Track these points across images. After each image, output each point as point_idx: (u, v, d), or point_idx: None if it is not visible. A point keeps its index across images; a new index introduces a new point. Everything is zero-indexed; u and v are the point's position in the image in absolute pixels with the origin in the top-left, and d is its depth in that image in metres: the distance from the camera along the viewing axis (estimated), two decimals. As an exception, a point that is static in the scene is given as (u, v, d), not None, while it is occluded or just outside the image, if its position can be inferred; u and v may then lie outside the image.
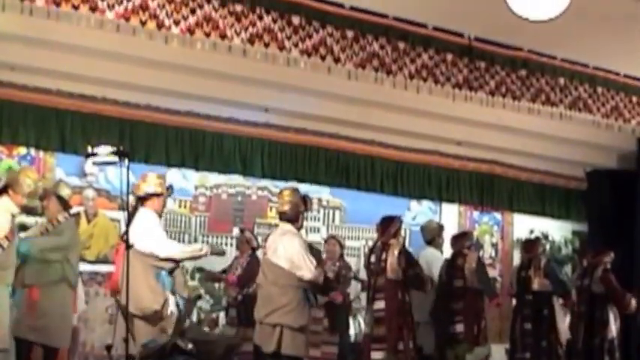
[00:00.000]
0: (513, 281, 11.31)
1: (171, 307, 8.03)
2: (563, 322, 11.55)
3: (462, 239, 11.43)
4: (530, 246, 11.57)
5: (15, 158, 11.13)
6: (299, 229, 8.90)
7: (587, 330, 11.15)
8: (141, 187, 8.22)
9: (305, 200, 8.96)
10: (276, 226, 9.61)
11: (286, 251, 8.61)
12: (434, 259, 11.28)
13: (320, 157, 12.64)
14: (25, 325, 8.38)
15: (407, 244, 13.34)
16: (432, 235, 11.52)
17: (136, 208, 8.12)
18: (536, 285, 10.89)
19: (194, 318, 11.89)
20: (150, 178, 8.30)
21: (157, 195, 8.22)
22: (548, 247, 14.43)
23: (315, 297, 8.88)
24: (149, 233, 7.98)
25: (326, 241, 11.99)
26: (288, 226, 8.78)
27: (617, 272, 11.32)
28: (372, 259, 9.85)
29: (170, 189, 8.57)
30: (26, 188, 8.42)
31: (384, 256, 9.72)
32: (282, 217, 8.86)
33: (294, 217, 8.82)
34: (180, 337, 7.85)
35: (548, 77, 11.26)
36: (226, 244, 12.54)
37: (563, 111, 11.49)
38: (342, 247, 11.85)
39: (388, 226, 9.93)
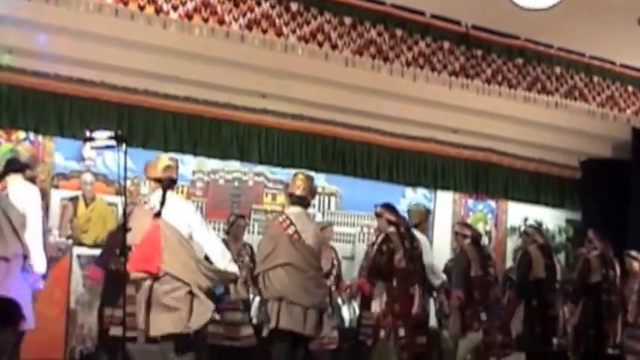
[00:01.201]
0: (540, 267, 11.19)
1: None
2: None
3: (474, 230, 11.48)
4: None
5: (14, 142, 11.16)
6: None
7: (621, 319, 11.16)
8: (173, 170, 8.23)
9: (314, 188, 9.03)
10: (272, 212, 9.68)
11: (318, 236, 8.77)
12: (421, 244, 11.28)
13: (316, 143, 12.72)
14: None
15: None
16: (419, 218, 11.44)
17: (165, 194, 8.08)
18: (560, 275, 10.99)
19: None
20: (171, 162, 8.32)
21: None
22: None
23: None
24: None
25: (324, 229, 12.00)
26: (305, 211, 8.80)
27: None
28: (407, 244, 9.61)
29: None
30: None
31: (415, 242, 9.64)
32: (300, 201, 8.79)
33: (309, 202, 8.87)
34: None
35: (544, 66, 11.25)
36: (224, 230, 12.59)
37: (559, 100, 11.49)
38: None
39: (397, 211, 9.85)
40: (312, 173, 12.69)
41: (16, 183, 7.90)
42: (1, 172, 7.98)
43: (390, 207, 9.74)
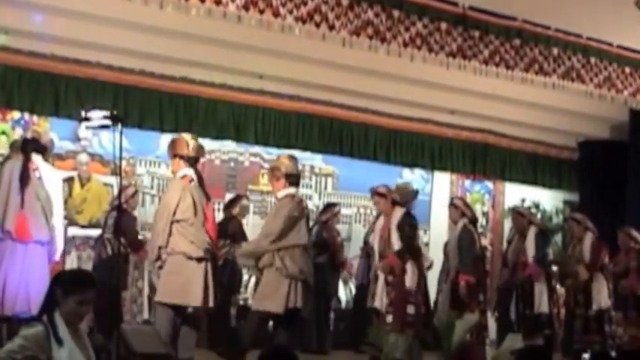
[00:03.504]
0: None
1: None
2: None
3: None
4: None
5: (9, 122, 11.14)
6: None
7: None
8: (201, 151, 8.33)
9: None
10: (269, 192, 9.69)
11: None
12: None
13: (313, 124, 12.71)
14: None
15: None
16: (405, 198, 11.44)
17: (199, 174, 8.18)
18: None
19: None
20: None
21: None
22: (539, 216, 14.51)
23: None
24: None
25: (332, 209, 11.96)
26: None
27: (607, 242, 11.33)
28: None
29: None
30: None
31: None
32: (297, 181, 8.82)
33: None
34: None
35: (541, 47, 11.25)
36: (218, 210, 12.58)
37: (557, 81, 11.49)
38: None
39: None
40: (309, 154, 12.84)
41: (42, 165, 8.00)
42: (25, 150, 8.04)
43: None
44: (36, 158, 8.10)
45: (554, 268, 11.48)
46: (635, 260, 10.92)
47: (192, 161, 8.17)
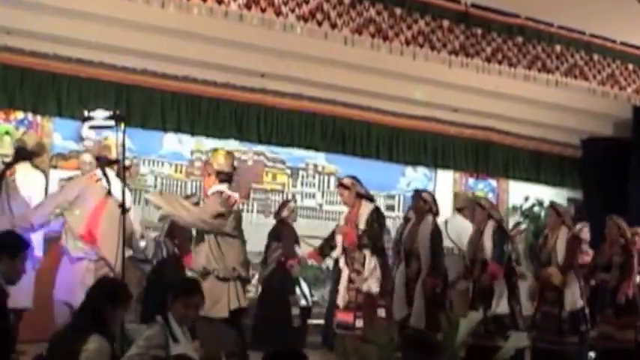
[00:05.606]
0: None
1: None
2: None
3: None
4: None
5: (12, 123, 11.15)
6: None
7: None
8: (107, 149, 8.35)
9: None
10: (272, 190, 9.64)
11: None
12: (464, 230, 11.20)
13: (316, 123, 12.71)
14: None
15: (401, 209, 13.49)
16: (464, 204, 11.56)
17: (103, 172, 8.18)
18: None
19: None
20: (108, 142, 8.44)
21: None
22: (542, 214, 14.49)
23: None
24: None
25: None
26: None
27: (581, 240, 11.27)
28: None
29: None
30: None
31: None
32: (229, 178, 8.61)
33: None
34: None
35: (544, 44, 11.22)
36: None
37: (560, 78, 11.46)
38: None
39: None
40: (312, 152, 12.82)
41: (23, 169, 8.07)
42: (10, 161, 8.21)
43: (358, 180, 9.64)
44: (22, 165, 8.20)
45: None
46: (619, 255, 10.70)
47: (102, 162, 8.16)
